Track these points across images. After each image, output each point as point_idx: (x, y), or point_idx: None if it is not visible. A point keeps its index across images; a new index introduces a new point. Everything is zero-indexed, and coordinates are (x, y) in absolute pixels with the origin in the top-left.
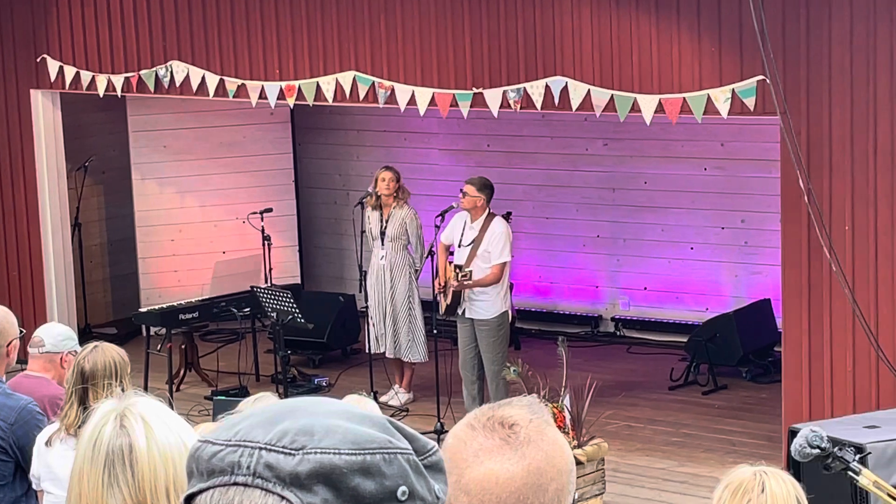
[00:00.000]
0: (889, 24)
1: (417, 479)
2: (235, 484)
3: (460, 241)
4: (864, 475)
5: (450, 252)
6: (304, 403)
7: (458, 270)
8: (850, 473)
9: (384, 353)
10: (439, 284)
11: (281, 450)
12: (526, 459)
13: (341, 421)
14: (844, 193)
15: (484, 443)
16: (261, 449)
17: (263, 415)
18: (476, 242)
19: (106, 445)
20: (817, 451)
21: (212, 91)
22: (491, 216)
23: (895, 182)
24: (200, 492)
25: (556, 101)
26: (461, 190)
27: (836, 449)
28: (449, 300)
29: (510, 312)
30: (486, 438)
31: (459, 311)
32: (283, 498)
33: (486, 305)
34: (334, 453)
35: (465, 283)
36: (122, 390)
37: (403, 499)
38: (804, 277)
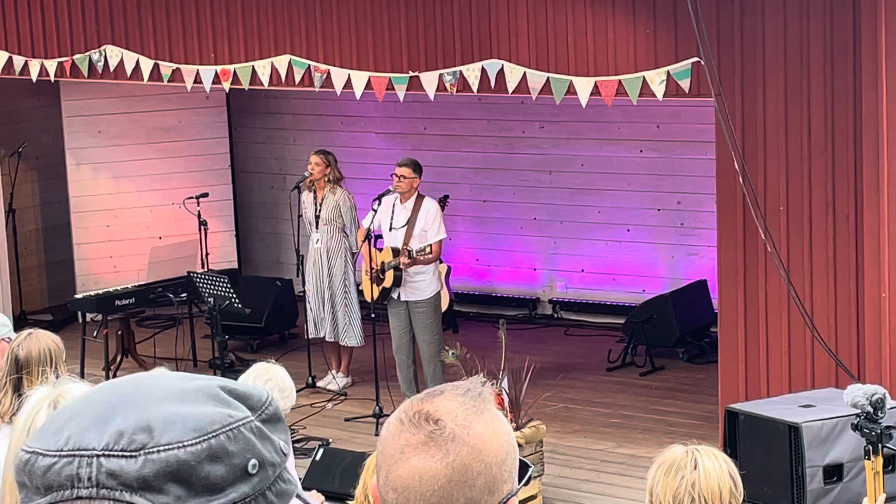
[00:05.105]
0: (822, 4)
1: (263, 445)
2: (79, 498)
3: (391, 224)
4: (875, 462)
5: (377, 237)
6: (130, 389)
7: (408, 250)
8: (869, 446)
9: (323, 337)
10: (373, 270)
11: (120, 454)
12: (450, 456)
13: (174, 405)
14: (779, 174)
15: (410, 439)
16: (98, 456)
17: (90, 411)
18: (410, 223)
19: None
20: (870, 411)
21: (146, 75)
22: (421, 196)
23: (829, 161)
24: None
25: (493, 83)
26: (394, 174)
27: (884, 427)
28: (390, 283)
29: (449, 296)
30: (411, 434)
31: (394, 296)
32: None
33: (423, 285)
34: (178, 447)
35: (419, 259)
36: (57, 377)
37: (254, 472)
38: (740, 258)
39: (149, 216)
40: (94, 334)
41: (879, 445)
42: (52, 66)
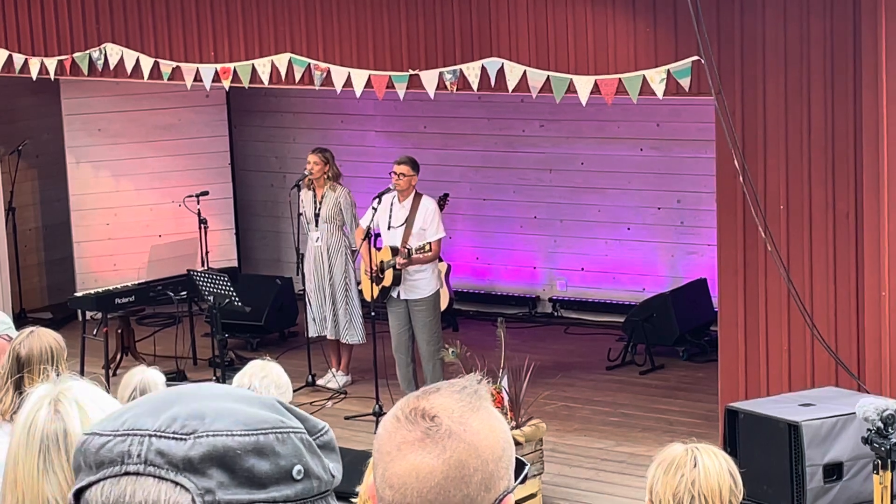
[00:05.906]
0: (822, 3)
1: (312, 458)
2: (127, 474)
3: (389, 222)
4: (883, 476)
5: (376, 235)
6: (192, 389)
7: (406, 248)
8: (878, 461)
9: (324, 335)
10: (372, 269)
11: (172, 435)
12: (447, 452)
13: (231, 403)
14: (779, 172)
15: (406, 435)
16: (150, 436)
17: (150, 403)
18: (409, 221)
19: (40, 431)
20: (880, 426)
21: (146, 74)
22: (419, 195)
23: (829, 160)
24: (90, 485)
25: (493, 82)
26: (393, 171)
27: (894, 443)
28: (389, 282)
29: (448, 295)
30: (408, 431)
31: (394, 294)
32: (177, 484)
33: (423, 283)
34: (227, 435)
35: (417, 258)
36: (58, 375)
37: (299, 478)
38: (740, 257)
39: (149, 214)
40: (94, 332)
41: (889, 461)
42: (51, 64)
